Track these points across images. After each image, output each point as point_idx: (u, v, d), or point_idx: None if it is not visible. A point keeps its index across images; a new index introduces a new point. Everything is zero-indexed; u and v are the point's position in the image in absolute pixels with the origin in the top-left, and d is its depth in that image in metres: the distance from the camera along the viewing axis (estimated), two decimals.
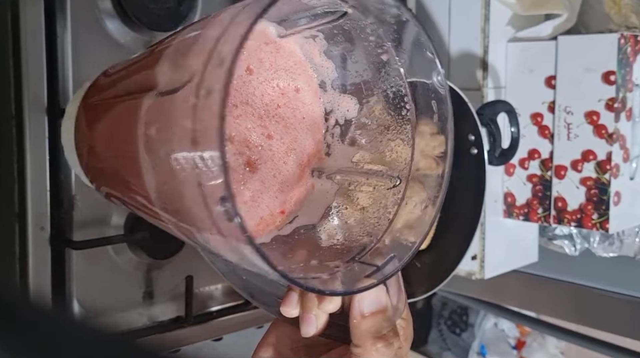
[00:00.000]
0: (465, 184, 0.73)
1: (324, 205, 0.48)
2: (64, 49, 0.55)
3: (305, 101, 0.47)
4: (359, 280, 0.41)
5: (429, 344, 1.85)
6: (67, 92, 0.56)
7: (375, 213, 0.46)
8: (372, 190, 0.46)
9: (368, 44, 0.43)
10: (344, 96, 0.47)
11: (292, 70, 0.46)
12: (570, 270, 0.88)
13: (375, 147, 0.46)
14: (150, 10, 0.58)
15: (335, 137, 0.48)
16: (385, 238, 0.44)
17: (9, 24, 0.53)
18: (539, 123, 0.79)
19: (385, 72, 0.44)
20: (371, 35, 0.43)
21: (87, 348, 0.18)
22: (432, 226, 0.44)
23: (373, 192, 0.46)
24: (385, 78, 0.44)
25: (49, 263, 0.55)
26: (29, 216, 0.54)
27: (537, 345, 1.76)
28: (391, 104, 0.45)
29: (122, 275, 0.61)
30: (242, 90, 0.43)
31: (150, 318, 0.62)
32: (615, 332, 0.85)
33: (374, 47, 0.43)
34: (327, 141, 0.48)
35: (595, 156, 0.74)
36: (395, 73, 0.43)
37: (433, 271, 0.71)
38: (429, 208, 0.44)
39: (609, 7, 0.77)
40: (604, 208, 0.74)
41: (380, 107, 0.45)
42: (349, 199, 0.47)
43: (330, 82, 0.47)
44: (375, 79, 0.45)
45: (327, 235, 0.47)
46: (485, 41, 0.79)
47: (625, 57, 0.73)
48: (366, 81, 0.45)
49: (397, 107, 0.44)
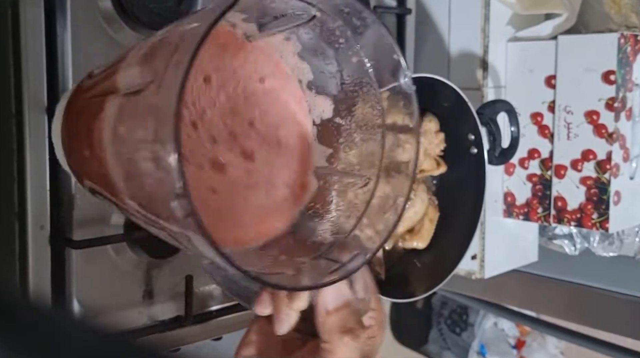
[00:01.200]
0: (465, 184, 0.73)
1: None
2: (64, 48, 0.55)
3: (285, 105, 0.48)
4: (325, 276, 0.42)
5: (429, 343, 1.85)
6: (67, 91, 0.56)
7: (345, 212, 0.47)
8: (344, 189, 0.47)
9: (339, 46, 0.44)
10: (320, 96, 0.48)
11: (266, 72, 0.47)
12: (570, 270, 0.88)
13: (349, 147, 0.48)
14: (150, 9, 0.58)
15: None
16: (353, 236, 0.46)
17: (9, 24, 0.53)
18: (538, 123, 0.79)
19: (355, 73, 0.45)
20: (341, 38, 0.44)
21: (87, 348, 0.18)
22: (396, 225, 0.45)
23: (345, 190, 0.47)
24: (355, 80, 0.46)
25: (48, 262, 0.55)
26: (28, 215, 0.54)
27: (537, 345, 1.76)
28: (363, 105, 0.46)
29: (122, 274, 0.61)
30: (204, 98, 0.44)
31: (150, 318, 0.62)
32: (615, 331, 0.85)
33: (344, 49, 0.44)
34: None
35: (595, 156, 0.74)
36: (364, 75, 0.45)
37: (433, 270, 0.71)
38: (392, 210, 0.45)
39: (609, 7, 0.77)
40: (604, 207, 0.74)
41: (353, 108, 0.47)
42: (322, 197, 0.48)
43: (305, 82, 0.48)
44: (346, 80, 0.46)
45: (299, 232, 0.48)
46: (485, 41, 0.79)
47: (625, 56, 0.73)
48: (339, 82, 0.47)
49: (369, 107, 0.46)
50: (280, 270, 0.42)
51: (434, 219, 0.73)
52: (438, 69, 0.83)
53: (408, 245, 0.72)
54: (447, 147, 0.72)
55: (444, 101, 0.70)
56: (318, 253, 0.45)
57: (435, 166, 0.72)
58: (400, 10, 0.79)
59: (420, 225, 0.72)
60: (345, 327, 0.44)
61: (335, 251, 0.45)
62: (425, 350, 1.87)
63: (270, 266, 0.43)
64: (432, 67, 0.84)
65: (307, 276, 0.42)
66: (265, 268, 0.43)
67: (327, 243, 0.46)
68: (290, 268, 0.43)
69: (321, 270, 0.43)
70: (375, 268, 0.68)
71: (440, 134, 0.72)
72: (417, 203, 0.71)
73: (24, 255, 0.54)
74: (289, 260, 0.45)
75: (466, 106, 0.69)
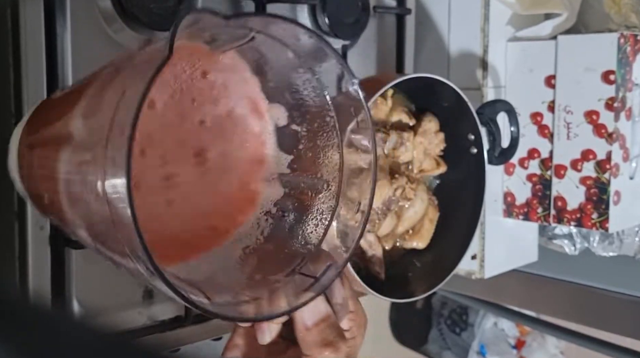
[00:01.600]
0: (465, 184, 0.73)
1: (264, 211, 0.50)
2: (63, 48, 0.55)
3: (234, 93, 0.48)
4: (300, 293, 0.43)
5: (429, 343, 1.86)
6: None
7: (313, 220, 0.48)
8: (309, 196, 0.48)
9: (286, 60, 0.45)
10: (273, 104, 0.49)
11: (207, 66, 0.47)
12: (570, 270, 0.88)
13: (310, 153, 0.49)
14: (150, 9, 0.58)
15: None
16: (324, 245, 0.46)
17: (9, 24, 0.53)
18: (538, 123, 0.79)
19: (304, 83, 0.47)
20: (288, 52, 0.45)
21: (87, 348, 0.18)
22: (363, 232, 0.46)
23: (310, 198, 0.48)
24: (305, 89, 0.47)
25: (48, 263, 0.55)
26: (28, 215, 0.54)
27: (536, 345, 1.76)
28: (315, 113, 0.47)
29: (122, 274, 0.60)
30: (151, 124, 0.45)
31: (150, 318, 0.62)
32: (615, 331, 0.85)
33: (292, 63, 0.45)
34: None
35: (595, 156, 0.74)
36: (312, 83, 0.46)
37: (433, 270, 0.71)
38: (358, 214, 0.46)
39: (609, 7, 0.77)
40: (604, 207, 0.74)
41: (308, 115, 0.48)
42: (289, 204, 0.49)
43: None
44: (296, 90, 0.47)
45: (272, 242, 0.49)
46: (485, 41, 0.79)
47: (625, 56, 0.73)
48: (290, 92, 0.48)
49: (321, 115, 0.47)
50: (255, 293, 0.43)
51: (434, 219, 0.73)
52: (438, 69, 0.83)
53: (408, 244, 0.72)
54: (447, 147, 0.72)
55: (444, 101, 0.70)
56: (292, 268, 0.45)
57: (435, 166, 0.72)
58: (400, 10, 0.79)
59: (420, 225, 0.72)
60: (326, 340, 0.45)
61: (308, 264, 0.45)
62: (425, 350, 1.87)
63: (245, 289, 0.44)
64: (432, 67, 0.84)
65: (282, 296, 0.43)
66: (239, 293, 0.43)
67: (300, 255, 0.46)
68: (265, 288, 0.43)
69: (296, 288, 0.43)
70: (375, 268, 0.68)
71: (440, 134, 0.72)
72: (417, 203, 0.71)
73: (24, 255, 0.54)
74: (263, 279, 0.45)
75: (466, 106, 0.69)
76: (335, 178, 0.47)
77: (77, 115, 0.41)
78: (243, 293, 0.43)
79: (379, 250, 0.68)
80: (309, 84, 0.46)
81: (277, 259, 0.47)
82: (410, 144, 0.69)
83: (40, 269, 0.55)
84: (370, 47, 0.78)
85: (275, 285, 0.44)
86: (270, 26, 0.42)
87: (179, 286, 0.36)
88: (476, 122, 0.70)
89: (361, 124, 0.45)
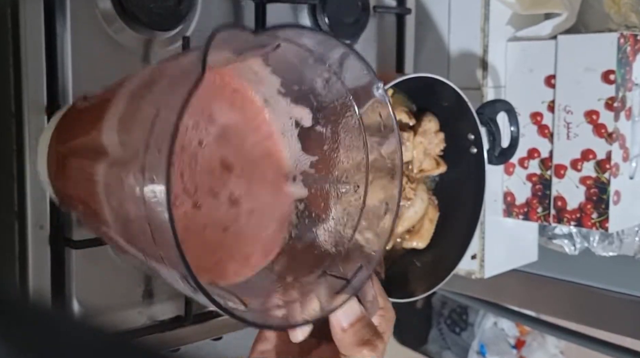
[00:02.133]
0: (465, 184, 0.73)
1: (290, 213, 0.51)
2: (63, 48, 0.55)
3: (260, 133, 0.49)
4: (332, 296, 0.44)
5: (429, 343, 1.85)
6: (67, 91, 0.56)
7: (341, 220, 0.48)
8: (337, 197, 0.49)
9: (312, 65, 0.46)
10: (297, 106, 0.49)
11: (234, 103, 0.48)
12: (570, 269, 0.88)
13: (335, 154, 0.49)
14: (150, 9, 0.58)
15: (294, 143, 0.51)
16: (354, 245, 0.47)
17: (9, 24, 0.53)
18: (538, 122, 0.79)
19: (329, 86, 0.47)
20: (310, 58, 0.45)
21: (87, 348, 0.18)
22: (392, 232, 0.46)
23: (338, 198, 0.49)
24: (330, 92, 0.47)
25: (48, 262, 0.55)
26: (28, 214, 0.54)
27: (536, 345, 1.76)
28: (339, 115, 0.48)
29: (122, 274, 0.61)
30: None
31: (150, 317, 0.62)
32: (615, 331, 0.85)
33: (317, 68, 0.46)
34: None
35: (595, 156, 0.74)
36: (337, 86, 0.46)
37: (433, 270, 0.71)
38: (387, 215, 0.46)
39: (609, 7, 0.77)
40: (604, 207, 0.74)
41: (332, 117, 0.48)
42: (316, 203, 0.50)
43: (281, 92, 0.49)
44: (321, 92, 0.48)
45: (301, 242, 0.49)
46: (485, 40, 0.80)
47: (625, 56, 0.73)
48: (315, 95, 0.48)
49: (345, 117, 0.47)
50: (288, 296, 0.44)
51: (433, 219, 0.73)
52: (438, 69, 0.83)
53: (408, 244, 0.72)
54: (447, 147, 0.72)
55: (444, 100, 0.70)
56: (322, 268, 0.46)
57: (435, 166, 0.72)
58: (400, 10, 0.79)
59: (420, 225, 0.72)
60: (363, 339, 0.46)
61: (339, 264, 0.46)
62: (425, 350, 1.87)
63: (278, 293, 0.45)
64: (432, 67, 0.84)
65: (314, 299, 0.44)
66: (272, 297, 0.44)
67: (330, 256, 0.47)
68: (297, 291, 0.44)
69: (328, 290, 0.44)
70: (375, 268, 0.68)
71: (440, 134, 0.72)
72: (417, 203, 0.71)
73: (24, 254, 0.54)
74: (296, 281, 0.46)
75: (466, 105, 0.69)
76: (361, 178, 0.48)
77: (110, 128, 0.42)
78: (276, 297, 0.44)
79: None
80: (332, 87, 0.47)
81: (307, 259, 0.48)
82: (410, 144, 0.69)
83: (40, 269, 0.55)
84: (370, 47, 0.78)
85: (307, 288, 0.44)
86: (298, 37, 0.42)
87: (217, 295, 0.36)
88: (476, 122, 0.70)
89: (386, 126, 0.46)
